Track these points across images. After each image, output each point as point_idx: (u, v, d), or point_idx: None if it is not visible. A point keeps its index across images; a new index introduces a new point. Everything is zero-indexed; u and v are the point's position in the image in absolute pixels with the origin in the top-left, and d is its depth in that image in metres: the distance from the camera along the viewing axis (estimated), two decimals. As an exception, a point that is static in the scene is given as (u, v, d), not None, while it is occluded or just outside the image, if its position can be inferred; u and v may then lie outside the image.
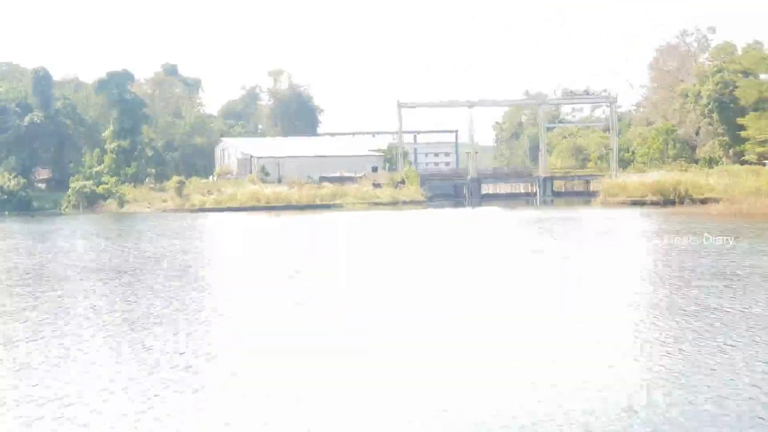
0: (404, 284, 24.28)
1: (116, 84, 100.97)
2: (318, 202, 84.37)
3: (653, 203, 67.24)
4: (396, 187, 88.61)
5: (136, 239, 46.12)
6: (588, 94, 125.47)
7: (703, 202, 62.93)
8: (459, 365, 13.81)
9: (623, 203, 68.67)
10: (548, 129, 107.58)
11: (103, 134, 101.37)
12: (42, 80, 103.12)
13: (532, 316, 18.10)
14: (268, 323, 18.05)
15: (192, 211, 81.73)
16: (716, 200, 59.86)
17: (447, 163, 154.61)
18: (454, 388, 12.32)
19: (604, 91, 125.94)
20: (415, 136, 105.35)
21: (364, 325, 17.57)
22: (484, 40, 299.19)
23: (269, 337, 16.53)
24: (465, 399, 11.74)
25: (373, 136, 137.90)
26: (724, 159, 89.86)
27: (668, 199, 67.58)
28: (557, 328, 16.90)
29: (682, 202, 66.01)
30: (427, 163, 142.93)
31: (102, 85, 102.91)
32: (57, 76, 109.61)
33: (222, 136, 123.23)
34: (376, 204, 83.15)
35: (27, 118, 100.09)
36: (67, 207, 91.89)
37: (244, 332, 17.24)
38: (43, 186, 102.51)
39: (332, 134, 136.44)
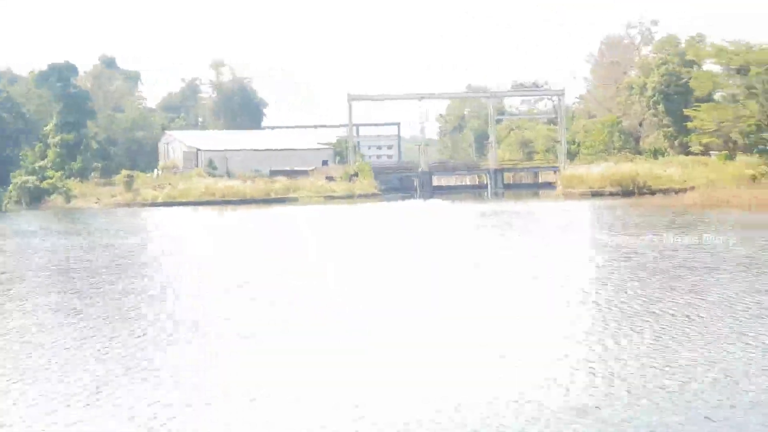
0: (383, 282, 24.02)
1: (59, 77, 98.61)
2: (272, 196, 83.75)
3: (612, 194, 68.13)
4: (350, 181, 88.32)
5: (98, 236, 45.08)
6: (537, 86, 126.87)
7: (665, 192, 63.97)
8: (440, 365, 13.84)
9: (583, 195, 69.37)
10: (497, 121, 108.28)
11: (45, 128, 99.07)
12: None
13: (503, 315, 18.16)
14: (254, 323, 17.75)
15: (144, 205, 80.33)
16: (676, 191, 60.94)
17: (389, 156, 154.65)
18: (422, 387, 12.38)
19: (546, 83, 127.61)
20: (357, 129, 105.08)
21: (335, 324, 17.49)
22: (429, 34, 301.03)
23: (256, 338, 16.31)
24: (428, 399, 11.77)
25: (315, 128, 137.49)
26: (669, 150, 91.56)
27: (627, 190, 68.52)
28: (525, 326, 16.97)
29: (641, 193, 67.02)
30: (369, 156, 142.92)
31: (43, 78, 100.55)
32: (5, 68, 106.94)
33: (164, 129, 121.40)
34: (332, 198, 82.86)
35: None
36: (8, 203, 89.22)
37: (230, 333, 16.95)
38: None
39: (276, 128, 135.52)
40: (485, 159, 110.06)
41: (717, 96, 79.63)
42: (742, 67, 66.50)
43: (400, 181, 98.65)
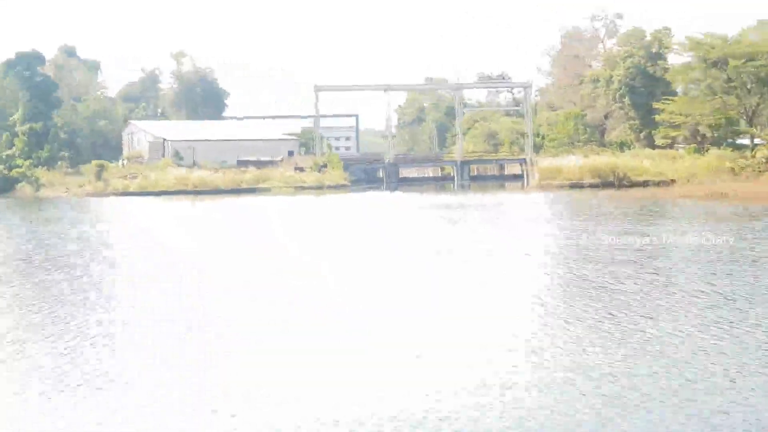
0: (358, 276, 24.13)
1: (26, 65, 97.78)
2: (243, 186, 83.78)
3: (592, 186, 69.16)
4: (319, 171, 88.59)
5: (69, 226, 44.96)
6: (503, 78, 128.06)
7: (644, 185, 65.15)
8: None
9: (561, 186, 70.40)
10: (462, 113, 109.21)
11: (12, 117, 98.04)
12: None
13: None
14: (247, 321, 17.49)
15: (115, 195, 79.86)
16: (656, 183, 62.11)
17: (347, 148, 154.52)
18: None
19: (509, 77, 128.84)
20: (317, 120, 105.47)
21: (303, 320, 17.37)
22: (390, 25, 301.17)
23: (248, 336, 16.17)
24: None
25: (274, 119, 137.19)
26: (635, 143, 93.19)
27: (607, 182, 69.56)
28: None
29: (622, 185, 68.09)
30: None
31: (10, 66, 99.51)
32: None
33: (125, 120, 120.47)
34: (303, 188, 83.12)
35: None
36: None
37: (222, 330, 16.71)
38: None
39: (238, 118, 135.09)
40: (449, 151, 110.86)
41: (682, 89, 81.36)
42: (720, 60, 67.94)
43: (365, 173, 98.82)
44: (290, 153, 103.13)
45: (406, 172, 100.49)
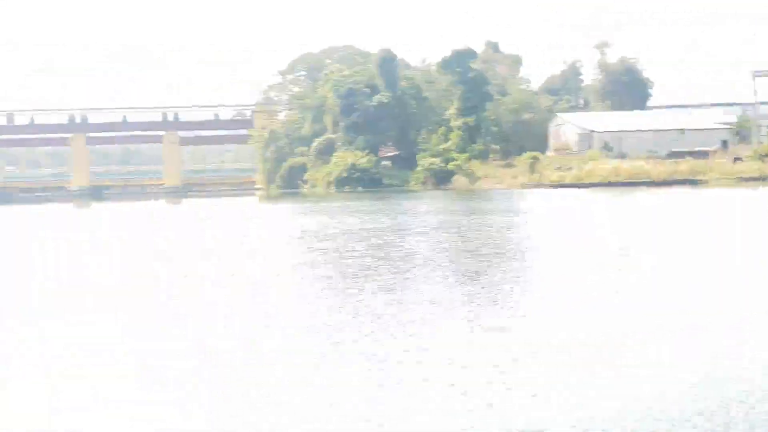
0: None
1: (459, 62, 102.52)
2: (677, 177, 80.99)
3: None
4: (763, 161, 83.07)
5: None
6: None
7: None
8: None
9: None
10: None
11: (447, 112, 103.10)
12: (387, 62, 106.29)
13: None
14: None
15: (550, 186, 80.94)
16: None
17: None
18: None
19: None
20: (756, 107, 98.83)
21: None
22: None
23: None
24: None
25: (700, 108, 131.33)
26: None
27: None
28: None
29: None
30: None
31: (446, 64, 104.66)
32: (400, 56, 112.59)
33: (549, 112, 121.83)
34: (743, 180, 78.36)
35: (375, 99, 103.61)
36: (416, 184, 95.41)
37: None
38: (388, 164, 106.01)
39: (666, 107, 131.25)
40: None
41: None
42: None
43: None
44: (723, 143, 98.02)
45: None
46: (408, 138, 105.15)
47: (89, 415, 11.40)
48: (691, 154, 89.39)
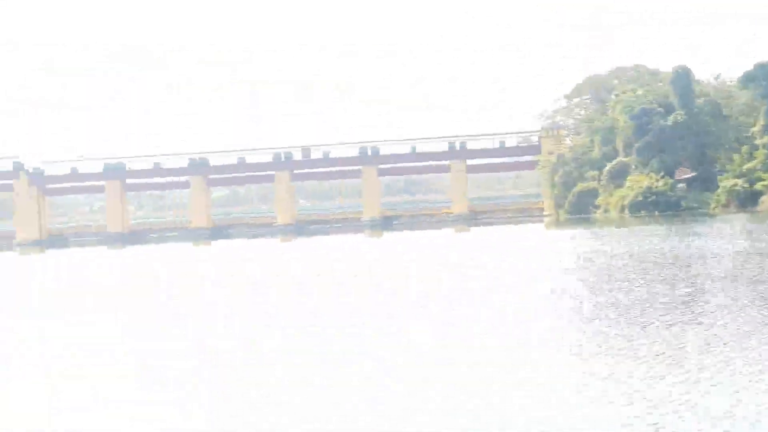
0: None
1: (764, 75, 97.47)
2: None
3: None
4: None
5: None
6: None
7: None
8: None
9: None
10: None
11: (752, 129, 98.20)
12: (682, 79, 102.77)
13: None
14: None
15: None
16: None
17: None
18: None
19: None
20: None
21: None
22: None
23: None
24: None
25: None
26: None
27: None
28: None
29: None
30: None
31: (748, 78, 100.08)
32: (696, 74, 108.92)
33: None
34: None
35: (670, 119, 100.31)
36: (716, 207, 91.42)
37: None
38: (684, 186, 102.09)
39: None
40: None
41: None
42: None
43: None
44: None
45: None
46: (706, 158, 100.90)
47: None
48: None
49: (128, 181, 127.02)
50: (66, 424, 14.29)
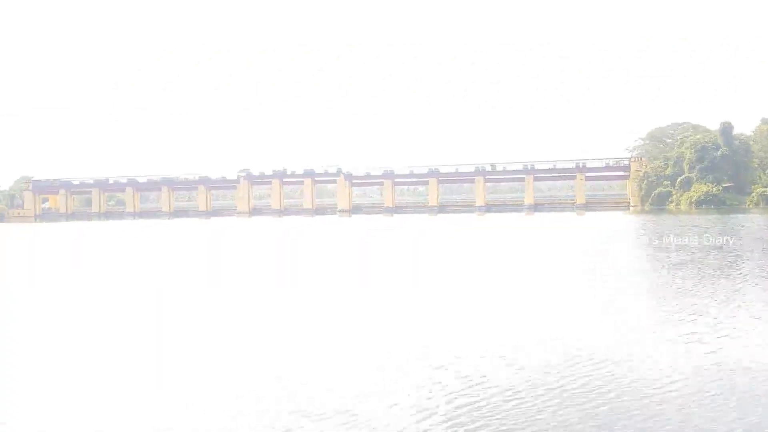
0: None
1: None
2: None
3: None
4: None
5: None
6: None
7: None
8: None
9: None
10: None
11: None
12: (726, 129, 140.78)
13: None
14: None
15: None
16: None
17: None
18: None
19: None
20: None
21: None
22: None
23: None
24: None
25: None
26: None
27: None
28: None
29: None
30: None
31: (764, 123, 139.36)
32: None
33: None
34: None
35: (719, 152, 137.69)
36: (750, 205, 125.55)
37: None
38: (728, 192, 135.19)
39: None
40: None
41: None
42: None
43: None
44: None
45: None
46: (741, 176, 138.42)
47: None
48: None
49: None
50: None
